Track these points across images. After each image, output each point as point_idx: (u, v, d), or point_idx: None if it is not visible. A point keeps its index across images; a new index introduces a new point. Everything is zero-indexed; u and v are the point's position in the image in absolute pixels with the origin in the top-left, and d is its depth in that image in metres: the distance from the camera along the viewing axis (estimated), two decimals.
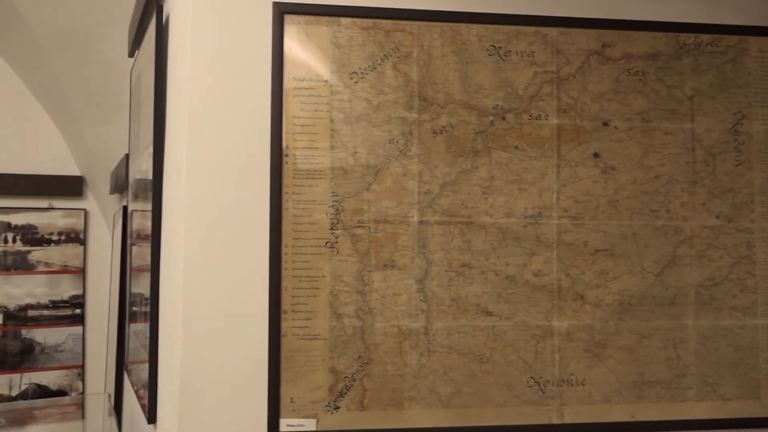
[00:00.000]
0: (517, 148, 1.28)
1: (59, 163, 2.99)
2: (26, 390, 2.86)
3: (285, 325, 1.21)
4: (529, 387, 1.27)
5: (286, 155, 1.22)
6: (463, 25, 1.27)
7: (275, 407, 1.19)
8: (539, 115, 1.29)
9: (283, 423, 1.20)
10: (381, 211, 1.24)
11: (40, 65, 2.62)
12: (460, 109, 1.27)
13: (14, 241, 2.87)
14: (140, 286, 1.72)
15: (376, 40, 1.25)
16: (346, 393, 1.21)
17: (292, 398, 1.20)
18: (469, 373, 1.25)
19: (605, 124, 1.31)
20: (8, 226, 2.86)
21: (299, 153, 1.22)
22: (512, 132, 1.28)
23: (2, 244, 2.85)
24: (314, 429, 1.20)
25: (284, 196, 1.21)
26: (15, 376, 2.84)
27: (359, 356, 1.22)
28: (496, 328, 1.26)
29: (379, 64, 1.25)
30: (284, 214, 1.21)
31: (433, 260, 1.24)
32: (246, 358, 1.20)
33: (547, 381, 1.27)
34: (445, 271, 1.25)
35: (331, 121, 1.23)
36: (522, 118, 1.28)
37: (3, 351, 2.82)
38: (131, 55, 1.97)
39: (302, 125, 1.22)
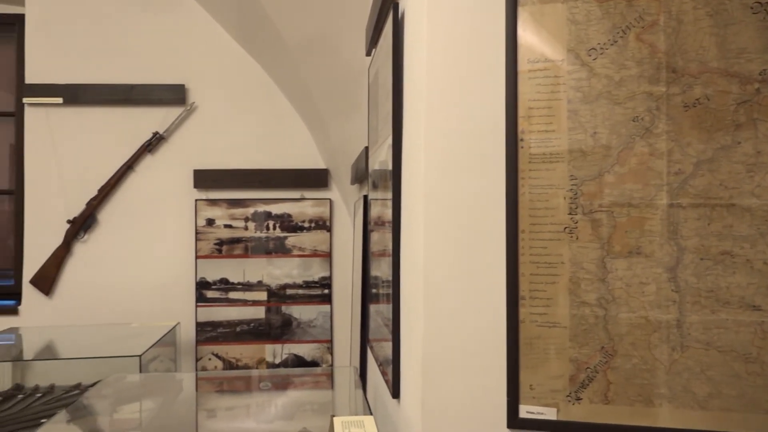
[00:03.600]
0: None
1: (308, 157, 3.32)
2: (286, 359, 3.26)
3: (523, 312, 1.19)
4: None
5: (522, 140, 1.20)
6: None
7: (515, 393, 1.19)
8: None
9: (523, 409, 1.19)
10: (624, 195, 1.16)
11: (290, 70, 2.90)
12: (717, 77, 1.13)
13: (274, 228, 3.27)
14: (379, 269, 1.83)
15: (617, 12, 1.17)
16: (588, 384, 1.17)
17: (531, 385, 1.19)
18: (732, 373, 1.12)
19: None
20: (269, 215, 3.28)
21: (534, 137, 1.19)
22: None
23: (265, 231, 3.27)
24: (555, 418, 1.18)
25: (520, 181, 1.20)
26: (278, 347, 3.26)
27: (602, 347, 1.16)
28: (765, 325, 1.11)
29: (621, 37, 1.16)
30: (520, 199, 1.20)
31: (687, 247, 1.13)
32: (484, 342, 1.21)
33: None
34: (701, 259, 1.13)
35: (568, 101, 1.18)
36: None
37: (268, 324, 3.25)
38: (368, 54, 2.10)
39: (537, 108, 1.19)
